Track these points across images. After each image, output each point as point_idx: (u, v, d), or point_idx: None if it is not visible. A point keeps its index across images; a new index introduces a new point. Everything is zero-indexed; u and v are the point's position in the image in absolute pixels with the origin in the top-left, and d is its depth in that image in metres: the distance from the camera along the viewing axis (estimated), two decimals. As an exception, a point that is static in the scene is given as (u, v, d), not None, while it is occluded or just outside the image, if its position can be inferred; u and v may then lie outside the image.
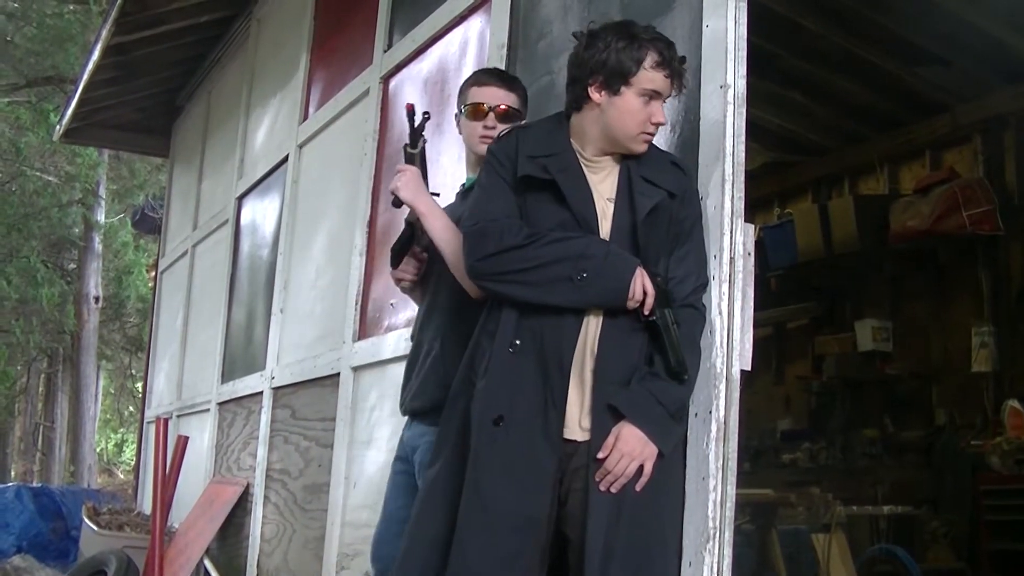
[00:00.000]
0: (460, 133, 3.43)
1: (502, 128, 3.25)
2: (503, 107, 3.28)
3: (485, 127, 3.27)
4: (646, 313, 2.69)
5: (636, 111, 2.77)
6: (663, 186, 2.80)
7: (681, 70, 2.81)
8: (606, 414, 2.66)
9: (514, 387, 2.72)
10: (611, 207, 2.80)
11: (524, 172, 2.81)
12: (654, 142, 2.93)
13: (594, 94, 2.79)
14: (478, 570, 2.65)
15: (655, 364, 2.71)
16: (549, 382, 2.69)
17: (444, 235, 3.12)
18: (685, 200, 2.86)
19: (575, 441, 2.71)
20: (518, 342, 2.73)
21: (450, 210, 3.28)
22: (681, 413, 2.74)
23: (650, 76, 2.76)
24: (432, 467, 2.90)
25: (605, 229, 2.78)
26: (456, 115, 3.44)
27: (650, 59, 2.75)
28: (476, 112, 3.30)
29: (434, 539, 2.77)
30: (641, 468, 2.64)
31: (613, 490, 2.62)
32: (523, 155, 2.84)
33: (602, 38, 2.79)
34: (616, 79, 2.76)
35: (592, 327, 2.72)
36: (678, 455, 2.82)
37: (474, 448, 2.73)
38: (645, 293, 2.68)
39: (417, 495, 2.99)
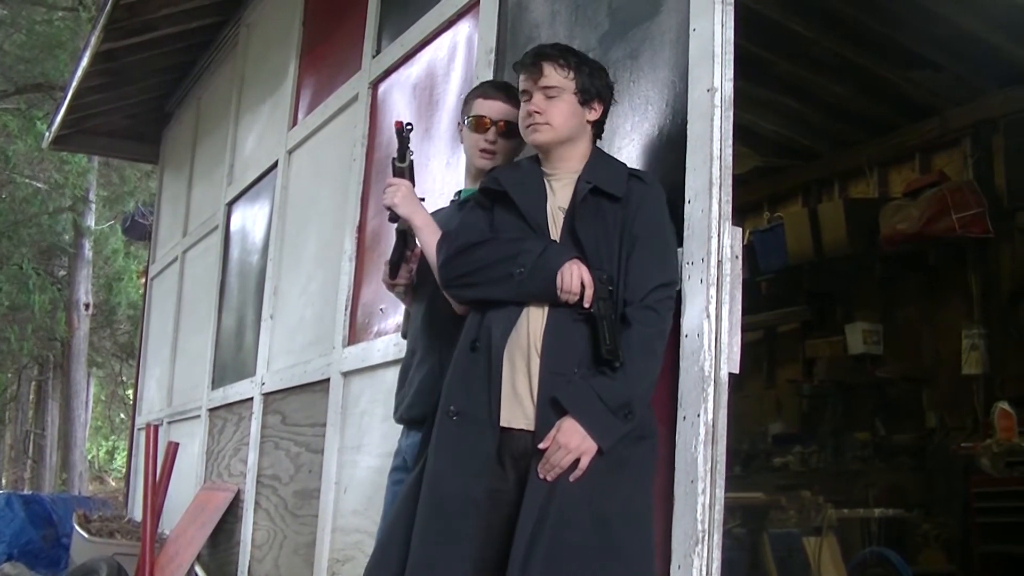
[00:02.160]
0: (462, 143, 3.43)
1: (503, 144, 3.28)
2: (503, 123, 3.27)
3: (486, 141, 3.28)
4: (586, 306, 2.76)
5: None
6: (598, 185, 2.89)
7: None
8: (549, 407, 2.74)
9: (468, 382, 2.84)
10: (561, 215, 2.92)
11: (483, 185, 3.05)
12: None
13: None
14: (428, 552, 2.75)
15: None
16: (491, 373, 2.81)
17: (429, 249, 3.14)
18: (640, 206, 2.90)
19: (523, 431, 2.78)
20: (476, 342, 2.85)
21: (441, 217, 3.27)
22: (624, 411, 2.73)
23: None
24: (414, 471, 2.97)
25: (555, 234, 2.91)
26: (459, 124, 3.44)
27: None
28: (479, 125, 3.29)
29: (408, 540, 2.83)
30: (578, 462, 2.69)
31: (549, 479, 2.69)
32: (490, 178, 3.07)
33: None
34: None
35: (538, 321, 2.82)
36: (639, 465, 2.81)
37: (432, 441, 2.88)
38: (584, 287, 2.76)
39: (398, 496, 3.02)
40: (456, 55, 4.78)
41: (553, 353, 2.77)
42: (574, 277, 2.75)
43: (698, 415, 2.88)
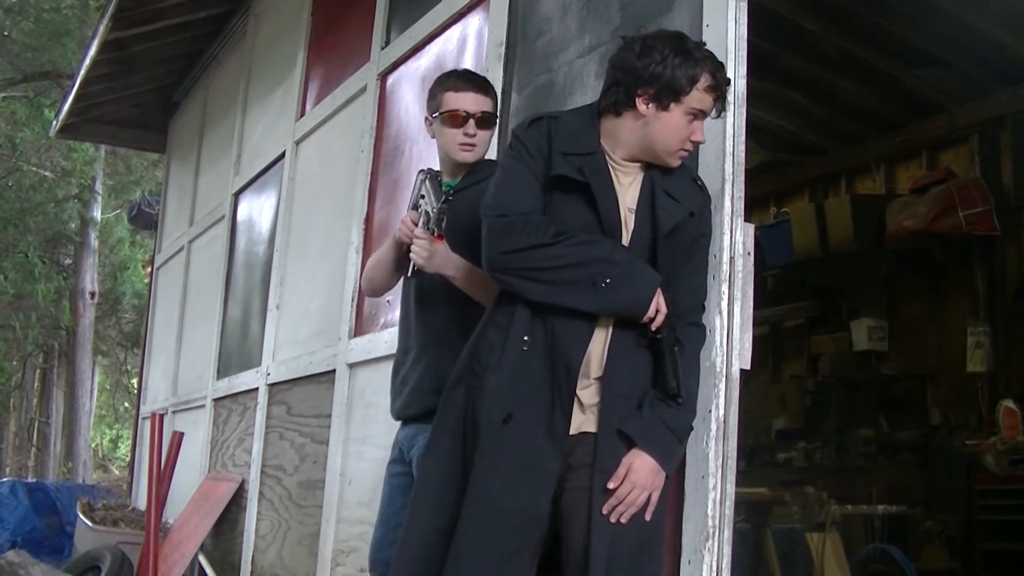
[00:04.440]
0: (432, 137, 3.38)
1: (481, 135, 3.26)
2: (480, 113, 3.25)
3: (466, 135, 3.25)
4: (653, 330, 2.68)
5: (680, 128, 2.74)
6: (685, 204, 2.78)
7: (726, 92, 2.80)
8: (616, 438, 2.65)
9: (523, 385, 2.69)
10: (632, 217, 2.76)
11: (559, 171, 2.76)
12: None
13: (641, 105, 2.75)
14: (479, 565, 2.64)
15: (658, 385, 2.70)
16: (557, 383, 2.67)
17: (476, 287, 3.08)
18: (702, 220, 2.85)
19: (569, 435, 2.69)
20: (527, 338, 2.71)
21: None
22: (687, 435, 2.75)
23: (700, 97, 2.73)
24: (428, 457, 2.87)
25: (624, 239, 2.74)
26: (427, 119, 3.38)
27: (703, 81, 2.72)
28: (455, 119, 3.25)
29: (431, 531, 2.75)
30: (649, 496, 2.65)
31: (623, 520, 2.61)
32: (557, 151, 2.78)
33: (658, 50, 2.73)
34: (667, 95, 2.72)
35: (600, 335, 2.70)
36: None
37: (482, 444, 2.70)
38: (658, 311, 2.67)
39: (414, 485, 2.95)
40: (466, 48, 4.78)
41: (616, 374, 2.68)
42: (653, 302, 2.65)
43: (709, 411, 2.89)
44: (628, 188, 2.79)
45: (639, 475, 2.61)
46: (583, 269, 2.65)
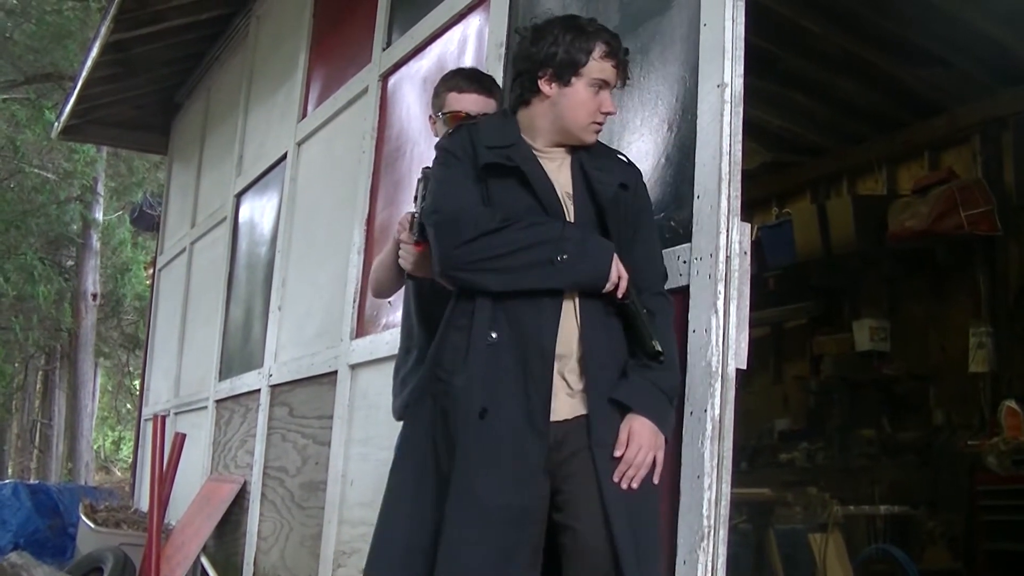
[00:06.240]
0: (436, 135, 3.37)
1: None
2: (483, 115, 3.23)
3: None
4: (620, 296, 2.70)
5: (587, 101, 2.80)
6: (616, 177, 2.83)
7: (626, 61, 2.85)
8: (607, 406, 2.66)
9: (495, 379, 2.66)
10: (570, 201, 2.80)
11: (487, 160, 2.78)
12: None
13: (544, 86, 2.81)
14: (475, 567, 2.60)
15: (638, 350, 2.72)
16: (529, 369, 2.66)
17: None
18: (637, 192, 2.89)
19: (558, 422, 2.67)
20: (494, 335, 2.69)
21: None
22: (675, 396, 2.77)
23: (599, 66, 2.79)
24: (400, 467, 2.85)
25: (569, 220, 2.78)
26: (431, 117, 3.40)
27: (599, 50, 2.79)
28: (456, 120, 3.23)
29: (409, 543, 2.70)
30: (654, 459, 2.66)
31: (635, 485, 2.61)
32: (481, 146, 2.81)
33: (549, 32, 2.81)
34: (567, 71, 2.78)
35: (569, 313, 2.71)
36: None
37: (461, 444, 2.66)
38: (620, 277, 2.70)
39: (384, 496, 2.89)
40: (466, 49, 4.78)
41: (594, 350, 2.69)
42: (613, 268, 2.68)
43: (705, 410, 2.88)
44: (559, 172, 2.83)
45: (640, 436, 2.63)
46: (537, 250, 2.66)
